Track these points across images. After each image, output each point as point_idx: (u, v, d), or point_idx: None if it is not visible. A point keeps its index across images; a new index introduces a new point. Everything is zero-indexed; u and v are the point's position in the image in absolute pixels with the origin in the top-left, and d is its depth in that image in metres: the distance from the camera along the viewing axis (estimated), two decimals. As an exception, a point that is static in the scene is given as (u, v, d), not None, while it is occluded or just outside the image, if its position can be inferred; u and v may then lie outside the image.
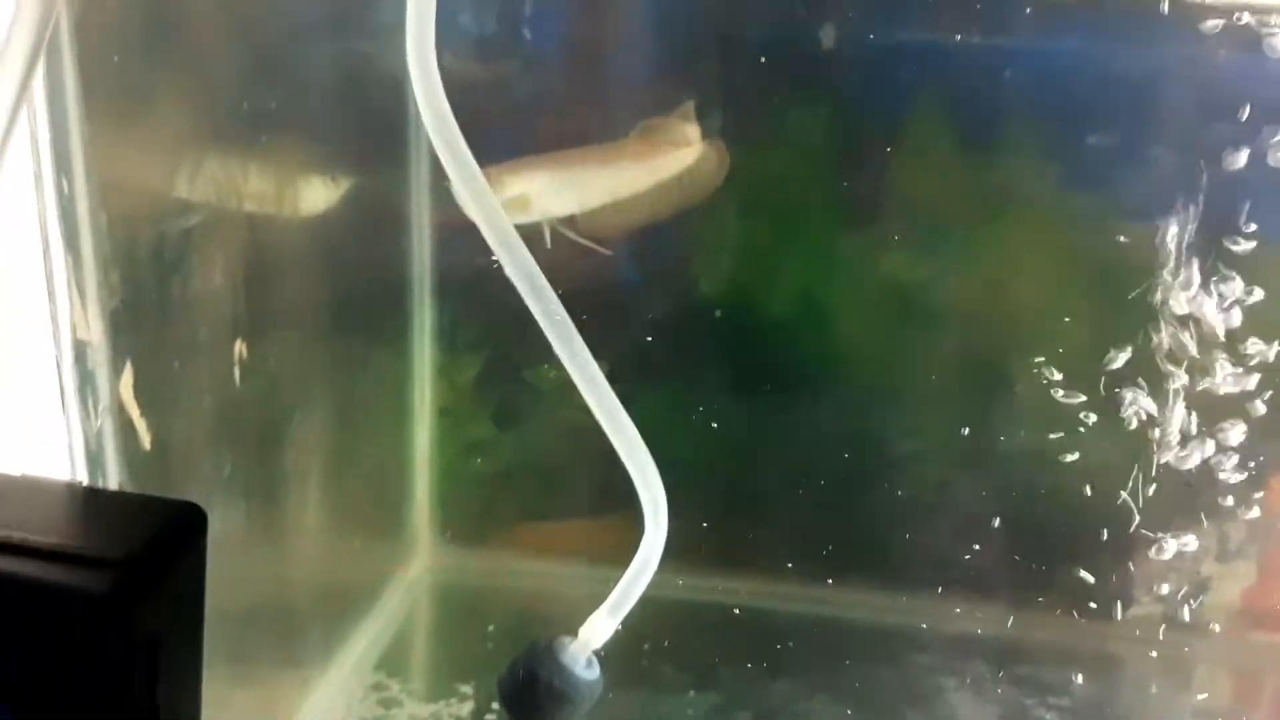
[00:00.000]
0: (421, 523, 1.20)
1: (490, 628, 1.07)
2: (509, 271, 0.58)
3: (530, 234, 0.94)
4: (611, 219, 0.99)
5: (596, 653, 0.63)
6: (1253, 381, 0.97)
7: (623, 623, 1.14)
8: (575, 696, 0.60)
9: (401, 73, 1.09)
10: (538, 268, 0.58)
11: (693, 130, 0.99)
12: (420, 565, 1.19)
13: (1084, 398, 1.02)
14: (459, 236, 1.15)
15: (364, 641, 1.01)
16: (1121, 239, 1.00)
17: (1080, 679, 1.03)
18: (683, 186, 1.00)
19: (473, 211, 0.57)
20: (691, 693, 1.01)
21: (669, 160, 0.99)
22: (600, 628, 0.62)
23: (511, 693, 0.62)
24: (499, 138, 1.16)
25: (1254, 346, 0.97)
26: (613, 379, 1.16)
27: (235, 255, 0.72)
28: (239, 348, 0.73)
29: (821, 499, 1.14)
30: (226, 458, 0.73)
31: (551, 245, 0.97)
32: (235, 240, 0.73)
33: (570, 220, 0.97)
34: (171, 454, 0.69)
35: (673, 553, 1.18)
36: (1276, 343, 0.97)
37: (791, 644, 1.10)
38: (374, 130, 1.02)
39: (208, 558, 0.41)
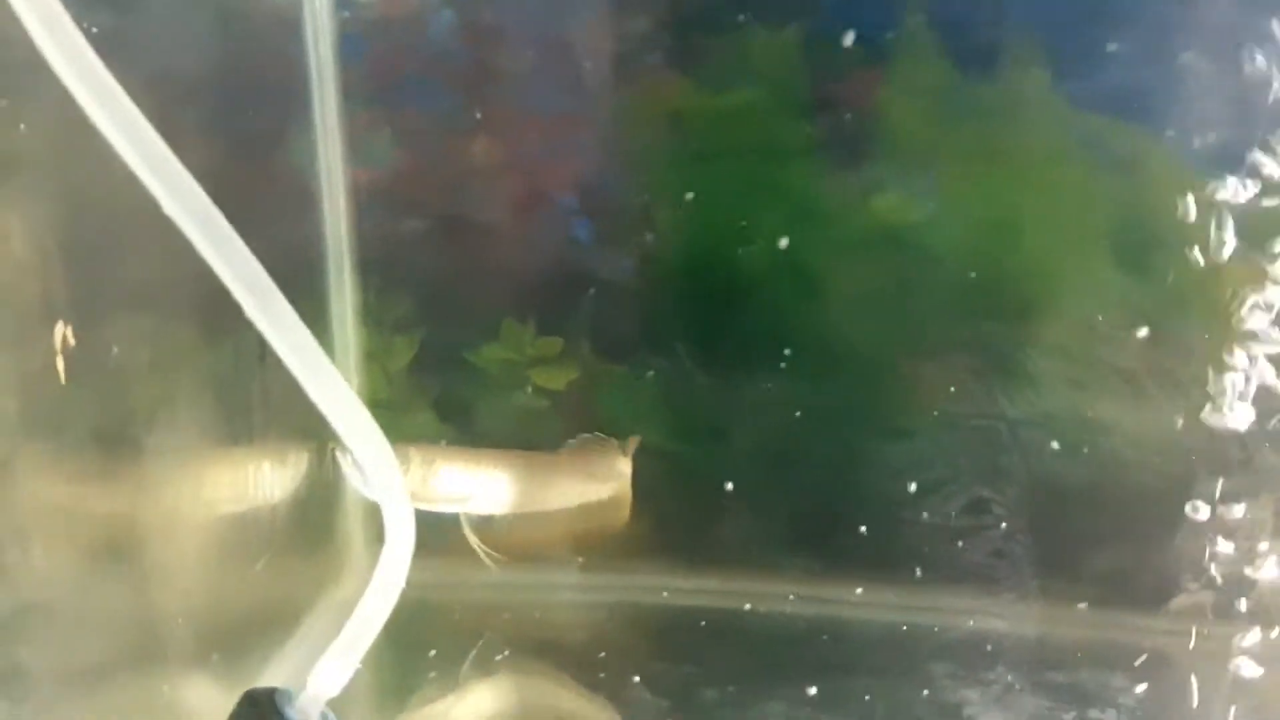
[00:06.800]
0: (355, 531, 1.05)
1: (432, 653, 0.92)
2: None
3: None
4: (530, 530, 0.97)
5: (334, 703, 0.47)
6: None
7: (580, 629, 1.00)
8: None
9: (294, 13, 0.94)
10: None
11: (625, 465, 0.99)
12: (356, 582, 1.04)
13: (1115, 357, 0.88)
14: (379, 200, 1.01)
15: (274, 679, 0.86)
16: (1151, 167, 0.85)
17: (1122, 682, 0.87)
18: (594, 516, 0.99)
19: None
20: (668, 720, 0.86)
21: (594, 488, 0.99)
22: (334, 671, 0.46)
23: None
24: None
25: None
26: (564, 354, 1.03)
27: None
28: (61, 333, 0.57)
29: (809, 484, 0.99)
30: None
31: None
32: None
33: (487, 520, 0.96)
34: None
35: (636, 548, 1.05)
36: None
37: (779, 653, 0.95)
38: (251, 84, 0.86)
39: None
